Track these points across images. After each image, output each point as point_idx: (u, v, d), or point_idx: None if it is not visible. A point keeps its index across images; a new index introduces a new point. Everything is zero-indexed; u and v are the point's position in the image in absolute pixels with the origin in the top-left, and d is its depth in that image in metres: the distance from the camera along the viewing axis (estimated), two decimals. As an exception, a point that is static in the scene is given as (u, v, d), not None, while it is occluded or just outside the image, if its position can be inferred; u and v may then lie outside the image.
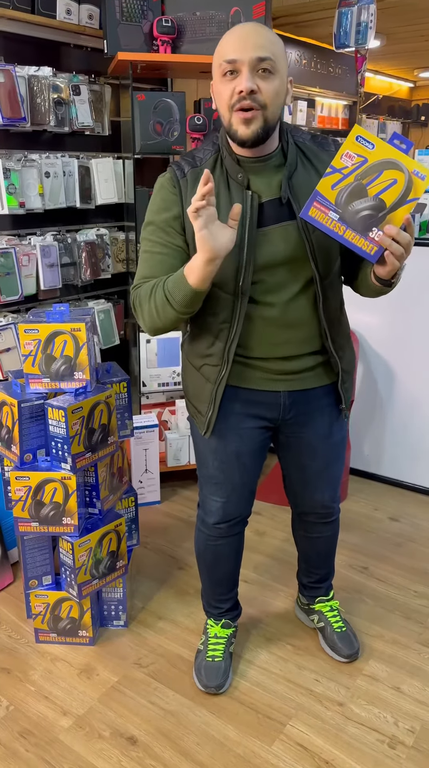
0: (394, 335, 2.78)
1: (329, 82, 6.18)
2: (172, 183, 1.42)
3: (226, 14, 2.48)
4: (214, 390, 1.51)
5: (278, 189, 1.38)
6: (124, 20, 2.45)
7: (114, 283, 2.93)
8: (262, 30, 1.30)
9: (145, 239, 1.46)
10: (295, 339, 1.48)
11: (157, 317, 1.38)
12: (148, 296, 1.38)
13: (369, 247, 1.26)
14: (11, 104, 2.20)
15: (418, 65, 7.18)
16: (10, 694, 1.77)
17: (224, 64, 1.29)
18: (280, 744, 1.61)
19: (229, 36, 1.31)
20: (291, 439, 1.64)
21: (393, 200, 1.23)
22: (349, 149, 1.23)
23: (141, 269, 1.45)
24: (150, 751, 1.60)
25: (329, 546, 1.88)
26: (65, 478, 1.76)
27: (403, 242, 1.24)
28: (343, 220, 1.25)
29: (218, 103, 1.35)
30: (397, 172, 1.22)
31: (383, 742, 1.62)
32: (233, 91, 1.29)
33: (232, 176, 1.39)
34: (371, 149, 1.23)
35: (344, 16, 3.81)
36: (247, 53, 1.27)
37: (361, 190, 1.24)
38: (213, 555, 1.77)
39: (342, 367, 1.55)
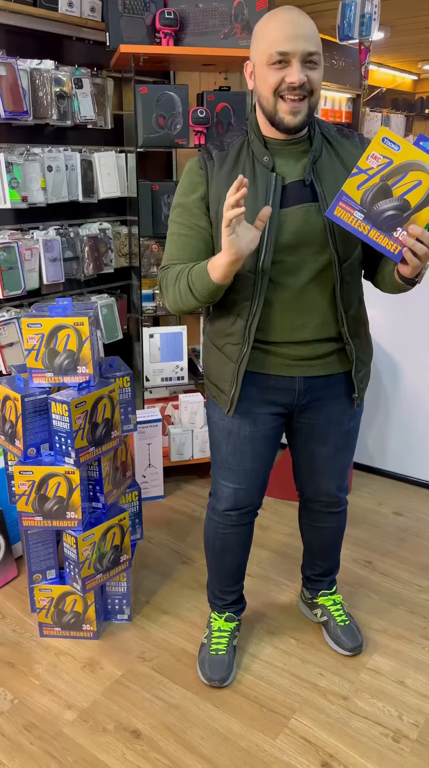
0: (399, 330, 2.77)
1: (333, 75, 6.14)
2: (199, 165, 1.47)
3: (230, 6, 2.46)
4: (237, 368, 1.53)
5: (302, 171, 1.43)
6: (127, 12, 2.43)
7: (117, 277, 2.92)
8: (307, 19, 1.35)
9: (173, 221, 1.52)
10: (312, 323, 1.49)
11: (180, 302, 1.45)
12: (174, 281, 1.45)
13: (393, 246, 1.28)
14: (13, 98, 2.19)
15: (423, 57, 7.13)
16: (14, 688, 1.78)
17: (275, 55, 1.33)
18: (285, 737, 1.62)
19: (277, 24, 1.33)
20: (303, 425, 1.65)
21: (417, 201, 1.26)
22: (375, 150, 1.25)
23: (169, 250, 1.52)
24: (154, 744, 1.60)
25: (334, 538, 1.88)
26: (69, 473, 1.76)
27: (427, 242, 1.26)
28: (368, 220, 1.28)
29: (261, 85, 1.39)
30: (423, 173, 1.25)
31: (387, 736, 1.62)
32: (282, 80, 1.34)
33: (258, 159, 1.43)
34: (397, 150, 1.25)
35: (348, 8, 3.78)
36: (298, 46, 1.32)
37: (386, 191, 1.26)
38: (222, 544, 1.77)
39: (357, 356, 1.56)
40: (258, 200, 1.40)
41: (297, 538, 2.46)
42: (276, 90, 1.35)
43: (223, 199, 1.42)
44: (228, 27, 2.49)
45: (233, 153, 1.46)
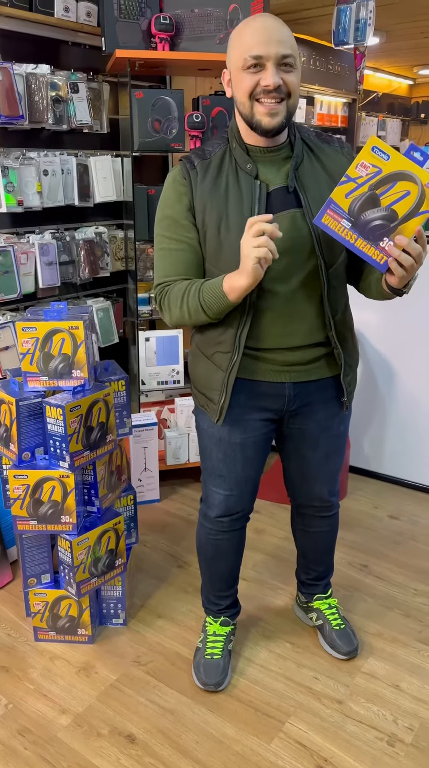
0: (394, 334, 2.77)
1: (328, 80, 6.16)
2: (182, 175, 1.46)
3: (225, 11, 2.47)
4: (226, 377, 1.52)
5: (285, 178, 1.43)
6: (123, 17, 2.44)
7: (113, 281, 2.92)
8: (281, 25, 1.35)
9: (161, 235, 1.50)
10: (301, 329, 1.50)
11: (188, 320, 1.46)
12: (180, 300, 1.44)
13: (379, 256, 1.28)
14: (9, 102, 2.19)
15: (418, 62, 7.16)
16: (9, 693, 1.77)
17: (249, 59, 1.33)
18: (279, 742, 1.61)
19: (251, 29, 1.34)
20: (293, 431, 1.65)
21: (405, 211, 1.26)
22: (365, 159, 1.26)
23: (161, 267, 1.50)
24: (149, 749, 1.60)
25: (328, 542, 1.88)
26: (64, 477, 1.76)
27: (413, 253, 1.26)
28: (355, 229, 1.28)
29: (237, 90, 1.39)
30: (411, 183, 1.25)
31: (382, 740, 1.62)
32: (257, 83, 1.35)
33: (240, 166, 1.43)
34: (386, 160, 1.25)
35: (343, 13, 3.80)
36: (271, 49, 1.32)
37: (374, 200, 1.26)
38: (214, 550, 1.77)
39: (345, 359, 1.57)
40: (244, 208, 1.40)
41: (292, 542, 2.46)
42: (251, 93, 1.36)
43: (208, 208, 1.43)
44: (223, 32, 2.50)
45: (216, 162, 1.45)
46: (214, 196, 1.42)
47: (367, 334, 2.84)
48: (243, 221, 1.38)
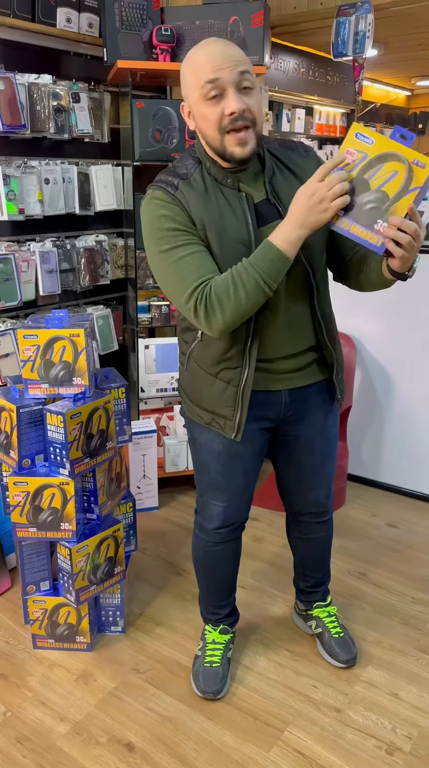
0: (392, 341, 2.79)
1: (327, 90, 6.21)
2: (170, 197, 1.40)
3: (226, 23, 2.50)
4: (240, 392, 1.51)
5: (263, 191, 1.43)
6: (124, 29, 2.47)
7: (113, 289, 2.93)
8: (231, 45, 1.33)
9: (172, 248, 1.38)
10: (296, 337, 1.52)
11: (244, 307, 1.34)
12: (232, 287, 1.33)
13: (375, 239, 1.27)
14: (11, 111, 2.21)
15: (416, 74, 7.22)
16: (7, 700, 1.77)
17: (207, 86, 1.30)
18: (278, 750, 1.61)
19: (201, 56, 1.31)
20: (289, 438, 1.66)
21: (395, 191, 1.25)
22: (350, 146, 1.26)
23: (190, 271, 1.36)
24: (147, 757, 1.60)
25: (324, 548, 1.89)
26: (63, 484, 1.77)
27: (409, 230, 1.23)
28: (348, 215, 1.28)
29: (203, 125, 1.37)
30: (398, 163, 1.25)
31: (381, 749, 1.62)
32: (222, 113, 1.32)
33: (221, 182, 1.42)
34: (370, 144, 1.25)
35: (342, 26, 3.84)
36: (227, 71, 1.29)
37: (363, 184, 1.26)
38: (211, 560, 1.77)
39: (336, 358, 1.60)
40: (238, 220, 1.40)
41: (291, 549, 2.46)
42: (220, 126, 1.33)
43: (207, 225, 1.39)
44: (224, 43, 2.52)
45: (198, 180, 1.42)
46: (210, 214, 1.39)
47: (365, 343, 2.86)
48: (241, 231, 1.39)
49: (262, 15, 2.48)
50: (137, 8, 2.47)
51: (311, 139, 6.35)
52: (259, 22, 2.49)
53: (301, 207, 1.28)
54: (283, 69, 5.53)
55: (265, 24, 2.49)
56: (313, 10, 4.18)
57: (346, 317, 2.86)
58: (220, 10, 2.49)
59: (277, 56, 5.38)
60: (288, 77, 5.60)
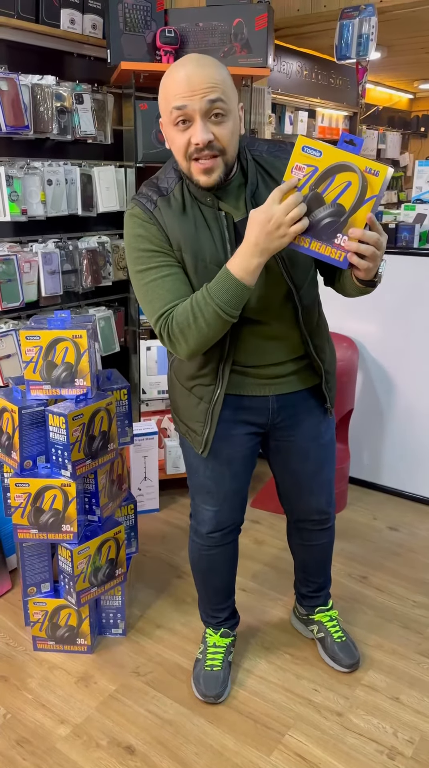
0: (393, 344, 2.78)
1: (330, 93, 6.21)
2: (148, 216, 1.38)
3: (229, 25, 2.50)
4: (211, 409, 1.51)
5: (244, 208, 1.39)
6: (128, 30, 2.47)
7: (115, 290, 2.93)
8: (207, 69, 1.26)
9: (143, 270, 1.38)
10: (281, 348, 1.51)
11: (206, 335, 1.33)
12: (191, 316, 1.31)
13: (337, 254, 1.24)
14: (15, 112, 2.21)
15: (418, 77, 7.22)
16: (7, 702, 1.76)
17: (175, 112, 1.27)
18: (279, 754, 1.61)
19: (174, 77, 1.27)
20: (281, 444, 1.65)
21: (351, 203, 1.21)
22: (298, 161, 1.22)
23: (158, 297, 1.36)
24: (148, 760, 1.59)
25: (326, 553, 1.88)
26: (65, 485, 1.76)
27: (370, 241, 1.20)
28: (306, 233, 1.24)
29: (173, 148, 1.34)
30: (350, 173, 1.20)
31: (382, 753, 1.61)
32: (188, 141, 1.29)
33: (201, 201, 1.39)
34: (319, 156, 1.21)
35: (346, 28, 3.84)
36: (196, 99, 1.24)
37: (317, 199, 1.22)
38: (208, 565, 1.76)
39: (324, 369, 1.58)
40: (216, 241, 1.37)
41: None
42: (186, 153, 1.30)
43: (183, 245, 1.37)
44: (227, 45, 2.53)
45: (177, 197, 1.39)
46: (187, 234, 1.37)
47: (365, 345, 2.85)
48: (217, 254, 1.36)
49: (266, 17, 2.48)
50: (141, 10, 2.47)
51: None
52: (262, 24, 2.49)
53: (259, 234, 1.23)
54: (286, 71, 5.53)
55: (268, 26, 2.49)
56: (317, 12, 4.18)
57: (348, 320, 2.86)
58: (224, 12, 2.49)
59: (280, 58, 5.39)
60: (291, 80, 5.60)
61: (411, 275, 2.65)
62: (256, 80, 2.72)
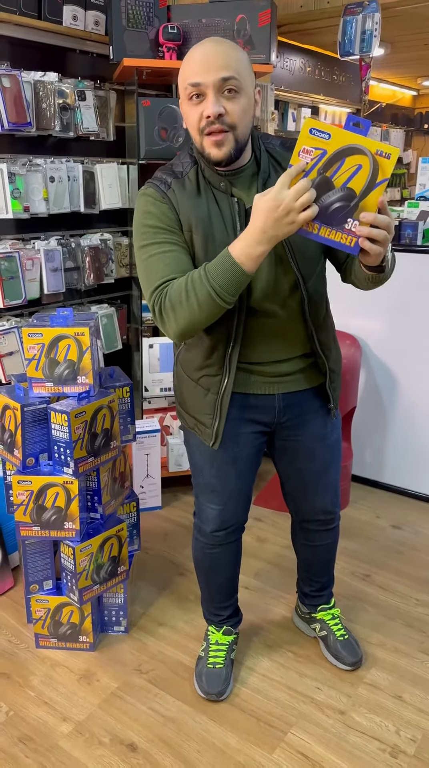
0: (397, 342, 2.78)
1: (333, 90, 6.20)
2: (160, 195, 1.39)
3: (232, 21, 2.49)
4: (219, 400, 1.51)
5: None
6: (130, 27, 2.46)
7: (117, 287, 2.93)
8: (224, 48, 1.29)
9: (148, 244, 1.38)
10: (286, 342, 1.50)
11: (197, 316, 1.30)
12: (184, 294, 1.29)
13: (347, 239, 1.20)
14: (17, 109, 2.20)
15: (422, 73, 7.19)
16: (9, 700, 1.76)
17: (189, 88, 1.29)
18: (281, 752, 1.61)
19: (191, 57, 1.30)
20: (287, 444, 1.65)
21: (362, 186, 1.17)
22: (305, 144, 1.17)
23: (155, 270, 1.35)
24: (150, 757, 1.59)
25: (330, 553, 1.88)
26: (67, 483, 1.76)
27: (382, 225, 1.17)
28: (315, 218, 1.20)
29: (188, 124, 1.36)
30: (361, 156, 1.16)
31: (385, 751, 1.61)
32: (201, 115, 1.30)
33: (214, 185, 1.39)
34: (327, 139, 1.16)
35: (349, 25, 3.82)
36: (210, 75, 1.27)
37: (327, 183, 1.18)
38: (211, 563, 1.76)
39: (329, 367, 1.57)
40: (226, 226, 1.37)
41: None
42: (198, 127, 1.32)
43: (194, 228, 1.37)
44: (230, 42, 2.51)
45: (191, 181, 1.40)
46: (199, 216, 1.37)
47: (369, 343, 2.85)
48: (227, 239, 1.35)
49: (269, 13, 2.47)
50: (143, 6, 2.46)
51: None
52: (265, 20, 2.48)
53: (266, 220, 1.20)
54: (289, 68, 5.52)
55: (271, 22, 2.48)
56: (320, 9, 4.16)
57: (352, 318, 2.85)
58: (227, 9, 2.48)
59: (283, 55, 5.37)
60: (294, 76, 5.59)
61: (414, 272, 2.64)
62: (259, 77, 2.71)
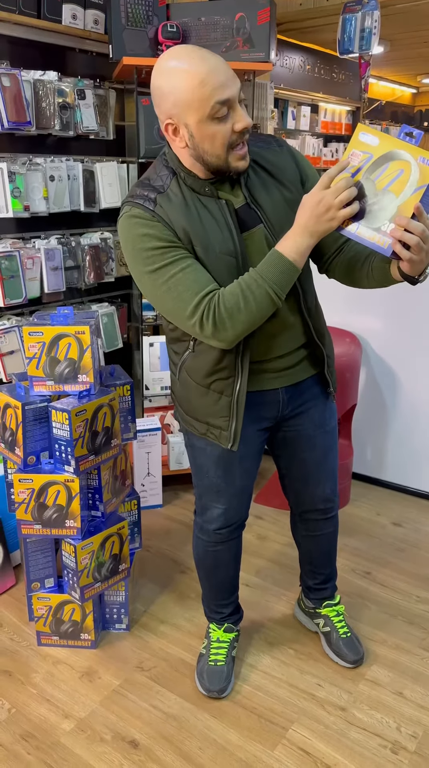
0: (398, 340, 2.78)
1: (333, 88, 6.20)
2: (150, 215, 1.34)
3: (231, 20, 2.49)
4: (234, 401, 1.50)
5: (242, 196, 1.40)
6: (130, 25, 2.46)
7: (117, 286, 2.93)
8: (213, 55, 1.29)
9: (161, 267, 1.33)
10: (288, 336, 1.52)
11: (255, 318, 1.33)
12: (242, 300, 1.30)
13: (382, 241, 1.24)
14: (17, 108, 2.21)
15: (421, 71, 7.20)
16: (11, 697, 1.77)
17: (218, 107, 1.25)
18: (283, 748, 1.61)
19: (205, 72, 1.24)
20: (288, 434, 1.66)
21: (402, 191, 1.22)
22: (355, 148, 1.24)
23: (187, 287, 1.32)
24: (152, 754, 1.60)
25: (332, 543, 1.88)
26: (68, 481, 1.76)
27: (416, 231, 1.19)
28: (355, 218, 1.25)
29: (207, 143, 1.30)
30: (404, 162, 1.21)
31: (386, 748, 1.61)
32: (231, 130, 1.29)
33: (199, 192, 1.38)
34: (375, 144, 1.23)
35: (348, 23, 3.83)
36: (234, 88, 1.27)
37: (369, 186, 1.24)
38: (213, 560, 1.77)
39: (326, 353, 1.60)
40: (221, 229, 1.36)
41: (295, 548, 2.45)
42: (228, 143, 1.29)
43: (192, 237, 1.35)
44: (230, 40, 2.52)
45: (175, 192, 1.37)
46: (193, 227, 1.35)
47: (369, 341, 2.85)
48: (226, 242, 1.36)
49: (268, 12, 2.47)
50: (143, 5, 2.46)
51: (316, 136, 6.33)
52: (265, 18, 2.48)
53: (309, 216, 1.26)
54: (289, 66, 5.52)
55: (271, 21, 2.48)
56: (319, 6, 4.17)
57: (352, 316, 2.85)
58: (226, 7, 2.48)
59: (282, 53, 5.37)
60: (293, 74, 5.59)
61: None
62: (259, 75, 2.71)
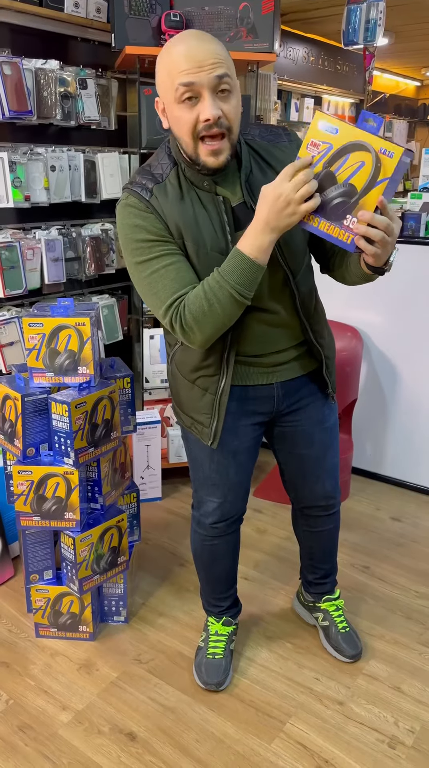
0: (398, 334, 2.77)
1: (336, 80, 6.16)
2: (145, 206, 1.33)
3: (235, 9, 2.46)
4: (217, 400, 1.50)
5: (240, 193, 1.37)
6: (132, 14, 2.43)
7: (118, 278, 2.92)
8: (208, 41, 1.24)
9: (146, 260, 1.34)
10: (282, 334, 1.50)
11: (221, 320, 1.31)
12: (206, 302, 1.28)
13: (345, 236, 1.19)
14: (18, 97, 2.19)
15: (426, 64, 7.14)
16: (9, 688, 1.77)
17: (181, 88, 1.22)
18: (280, 742, 1.61)
19: (178, 52, 1.22)
20: (286, 429, 1.65)
21: (363, 183, 1.16)
22: (314, 137, 1.18)
23: (164, 286, 1.32)
24: (149, 747, 1.60)
25: (333, 539, 1.88)
26: (68, 473, 1.76)
27: (380, 226, 1.15)
28: (317, 212, 1.20)
29: (177, 128, 1.29)
30: (364, 153, 1.15)
31: (383, 742, 1.62)
32: (197, 119, 1.25)
33: (197, 185, 1.36)
34: (335, 134, 1.17)
35: (353, 13, 3.79)
36: (205, 74, 1.21)
37: (330, 178, 1.18)
38: (210, 554, 1.76)
39: (324, 354, 1.58)
40: (215, 227, 1.35)
41: (294, 542, 2.46)
42: (194, 132, 1.26)
43: (184, 232, 1.34)
44: (233, 30, 2.49)
45: (173, 184, 1.35)
46: (186, 222, 1.34)
47: (370, 335, 2.84)
48: (217, 240, 1.34)
49: (273, 1, 2.44)
50: (146, -7, 2.43)
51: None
52: (269, 8, 2.45)
53: (268, 211, 1.21)
54: (293, 57, 5.48)
55: (275, 10, 2.46)
56: (324, -3, 4.13)
57: (352, 309, 2.84)
58: (230, -4, 2.46)
59: (286, 44, 5.33)
60: (297, 66, 5.55)
61: (417, 264, 2.63)
62: (262, 66, 2.68)
